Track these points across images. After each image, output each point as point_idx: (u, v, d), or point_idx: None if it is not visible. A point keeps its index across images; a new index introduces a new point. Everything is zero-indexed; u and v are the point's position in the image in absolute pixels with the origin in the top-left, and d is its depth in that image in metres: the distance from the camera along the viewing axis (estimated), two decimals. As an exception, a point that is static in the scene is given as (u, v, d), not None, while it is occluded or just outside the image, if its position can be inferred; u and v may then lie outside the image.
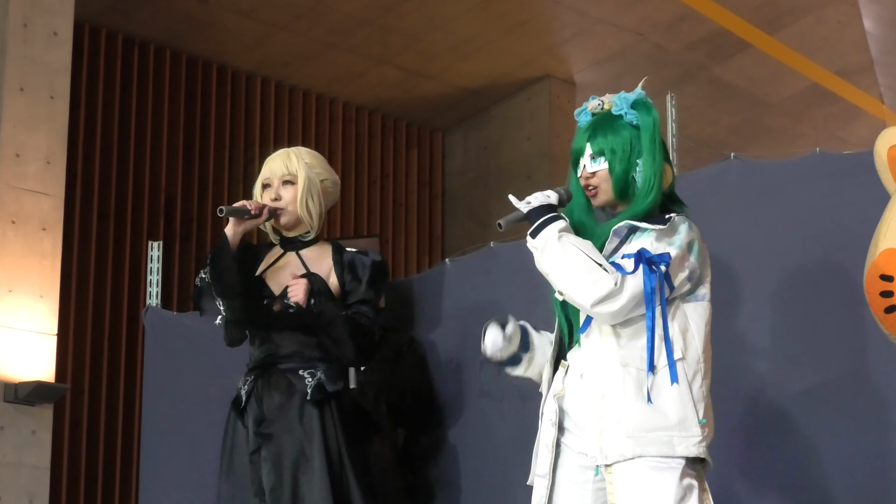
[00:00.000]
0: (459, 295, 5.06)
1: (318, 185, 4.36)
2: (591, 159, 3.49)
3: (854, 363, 4.00)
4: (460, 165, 11.17)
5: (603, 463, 3.33)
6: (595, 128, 3.50)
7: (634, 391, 3.32)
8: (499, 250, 4.99)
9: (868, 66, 10.63)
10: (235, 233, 4.25)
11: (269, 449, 4.18)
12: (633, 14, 9.77)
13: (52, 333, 7.88)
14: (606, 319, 3.36)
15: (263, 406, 4.24)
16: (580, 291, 3.33)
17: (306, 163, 4.36)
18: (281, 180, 4.34)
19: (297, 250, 4.36)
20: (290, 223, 4.35)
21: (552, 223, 3.40)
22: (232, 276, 4.22)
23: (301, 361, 4.24)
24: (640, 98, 3.51)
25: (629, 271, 3.33)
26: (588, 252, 3.35)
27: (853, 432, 3.97)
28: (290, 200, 4.33)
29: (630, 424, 3.30)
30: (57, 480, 8.38)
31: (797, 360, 4.13)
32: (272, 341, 4.29)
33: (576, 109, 3.60)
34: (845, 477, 3.98)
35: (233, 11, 9.41)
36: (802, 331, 4.13)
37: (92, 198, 9.21)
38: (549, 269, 3.39)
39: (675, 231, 3.40)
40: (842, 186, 4.09)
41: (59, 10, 8.19)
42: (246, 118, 10.10)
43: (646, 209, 3.43)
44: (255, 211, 4.26)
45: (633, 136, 3.47)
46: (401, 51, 10.04)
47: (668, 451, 3.29)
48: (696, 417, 3.33)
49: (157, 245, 5.96)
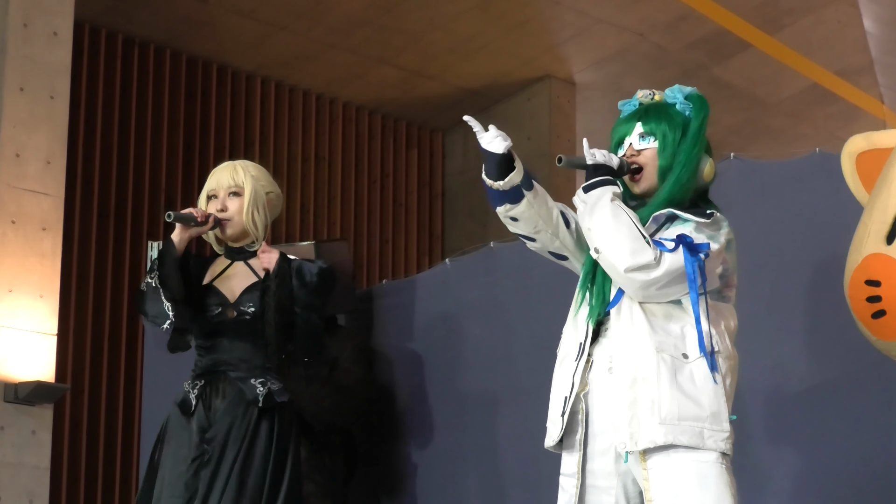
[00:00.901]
0: (459, 295, 5.06)
1: (263, 197, 4.41)
2: (640, 137, 3.48)
3: (854, 363, 4.00)
4: (460, 165, 11.16)
5: (633, 449, 3.28)
6: (647, 111, 3.51)
7: (669, 377, 3.28)
8: (499, 250, 4.99)
9: (868, 66, 10.63)
10: (181, 239, 4.31)
11: (210, 455, 4.19)
12: (633, 14, 9.76)
13: (52, 333, 7.88)
14: (636, 289, 3.33)
15: (210, 414, 4.25)
16: (619, 254, 3.30)
17: (252, 175, 4.42)
18: (227, 191, 4.39)
19: (246, 260, 4.39)
20: (235, 234, 4.40)
21: (609, 185, 3.39)
22: (177, 281, 4.27)
23: (251, 370, 4.26)
24: (693, 92, 3.52)
25: (669, 249, 3.32)
26: (636, 222, 3.34)
27: (853, 432, 3.98)
28: (235, 211, 4.38)
29: (664, 411, 3.26)
30: (57, 480, 8.38)
31: (797, 360, 4.13)
32: (221, 349, 4.31)
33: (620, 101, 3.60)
34: (845, 477, 3.98)
35: (233, 11, 9.41)
36: (802, 330, 4.13)
37: (92, 198, 9.21)
38: (593, 225, 3.36)
39: (717, 226, 3.41)
40: (842, 186, 4.09)
41: (59, 10, 8.19)
42: (246, 118, 10.09)
43: (678, 196, 3.42)
44: (202, 219, 4.32)
45: (684, 124, 3.46)
46: (401, 51, 10.04)
47: (699, 443, 3.26)
48: (727, 413, 3.30)
49: (157, 245, 5.96)
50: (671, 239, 3.34)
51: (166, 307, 4.27)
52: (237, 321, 4.29)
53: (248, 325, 4.28)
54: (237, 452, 4.17)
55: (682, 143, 3.44)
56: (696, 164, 3.44)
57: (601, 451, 3.39)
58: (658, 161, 3.46)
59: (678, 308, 3.36)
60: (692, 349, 3.32)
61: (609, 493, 3.38)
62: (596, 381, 3.40)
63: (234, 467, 4.16)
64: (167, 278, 4.26)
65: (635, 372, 3.30)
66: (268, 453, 4.19)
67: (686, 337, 3.33)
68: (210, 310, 4.33)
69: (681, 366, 3.30)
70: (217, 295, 4.35)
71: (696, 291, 3.30)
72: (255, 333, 4.28)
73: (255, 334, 4.28)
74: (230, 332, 4.30)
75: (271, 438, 4.21)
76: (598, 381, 3.40)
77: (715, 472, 3.26)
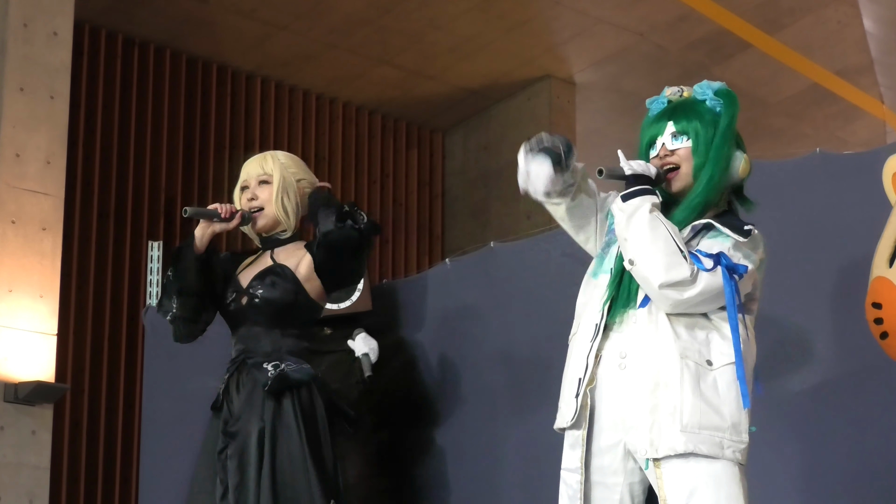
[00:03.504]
0: (459, 295, 5.06)
1: (293, 184, 4.37)
2: (673, 137, 3.42)
3: (853, 363, 4.00)
4: (460, 165, 11.17)
5: (653, 456, 3.24)
6: (677, 109, 3.45)
7: (692, 384, 3.23)
8: (499, 250, 5.00)
9: (868, 66, 10.63)
10: (203, 234, 4.26)
11: (234, 447, 4.17)
12: (633, 14, 9.76)
13: (52, 333, 7.88)
14: (667, 305, 3.28)
15: (232, 405, 4.24)
16: (654, 268, 3.25)
17: (281, 163, 4.39)
18: (257, 180, 4.37)
19: (274, 248, 4.37)
20: (267, 225, 4.36)
21: (648, 195, 3.33)
22: (191, 276, 4.24)
23: (266, 355, 4.23)
24: (723, 87, 3.47)
25: (707, 268, 3.27)
26: (674, 235, 3.29)
27: (853, 432, 3.98)
28: (266, 199, 4.35)
29: (685, 418, 3.22)
30: (57, 480, 8.38)
31: (796, 360, 4.13)
32: (242, 337, 4.29)
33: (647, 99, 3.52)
34: (846, 477, 3.98)
35: (233, 11, 9.41)
36: (802, 330, 4.13)
37: (92, 198, 9.21)
38: (630, 236, 3.30)
39: (755, 247, 3.36)
40: (842, 186, 4.10)
41: (59, 10, 8.19)
42: (246, 118, 10.09)
43: (713, 196, 3.38)
44: (226, 214, 4.27)
45: (714, 121, 3.41)
46: (401, 51, 10.04)
47: (717, 453, 3.23)
48: (746, 424, 3.27)
49: (157, 245, 5.97)
50: (709, 255, 3.30)
51: (172, 300, 4.25)
52: (249, 306, 4.26)
53: (260, 310, 4.25)
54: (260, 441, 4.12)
55: (713, 141, 3.39)
56: (728, 161, 3.38)
57: (608, 446, 3.35)
58: (693, 160, 3.40)
59: (702, 316, 3.32)
60: (717, 356, 3.28)
61: (615, 490, 3.34)
62: (605, 377, 3.36)
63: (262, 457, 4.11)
64: (182, 272, 4.23)
65: (658, 377, 3.26)
66: (298, 436, 4.12)
67: (711, 343, 3.30)
68: (227, 298, 4.31)
69: (704, 373, 3.26)
70: (234, 283, 4.33)
71: (735, 315, 3.26)
72: (269, 319, 4.24)
73: (270, 320, 4.24)
74: (246, 318, 4.27)
75: (297, 420, 4.14)
76: (607, 377, 3.35)
77: (730, 476, 3.24)
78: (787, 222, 4.18)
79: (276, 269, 4.28)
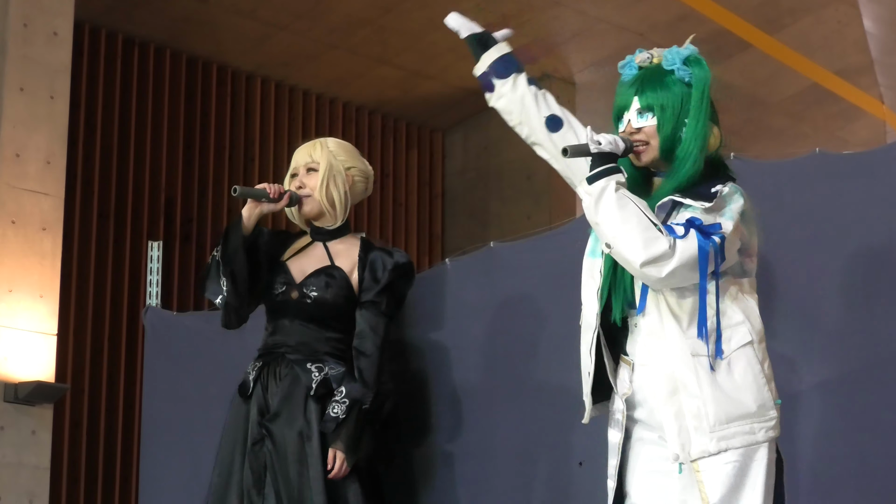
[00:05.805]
0: (459, 295, 5.06)
1: (342, 172, 4.35)
2: (638, 114, 3.32)
3: (853, 363, 4.00)
4: (460, 165, 11.17)
5: (687, 461, 3.19)
6: (643, 81, 3.34)
7: (709, 381, 3.18)
8: (499, 250, 4.99)
9: (868, 66, 10.63)
10: (250, 215, 4.24)
11: (271, 441, 4.16)
12: (633, 14, 9.77)
13: (52, 333, 7.89)
14: (654, 282, 3.19)
15: (268, 396, 4.22)
16: (632, 248, 3.14)
17: (330, 150, 4.38)
18: (305, 168, 4.36)
19: (325, 241, 4.34)
20: (313, 211, 4.34)
21: (612, 174, 3.20)
22: (241, 259, 4.20)
23: (309, 354, 4.21)
24: (692, 54, 3.37)
25: (680, 235, 3.16)
26: (645, 210, 3.18)
27: (853, 432, 3.97)
28: (313, 187, 4.32)
29: (711, 419, 3.17)
30: (57, 480, 8.38)
31: (796, 360, 4.13)
32: (283, 330, 4.26)
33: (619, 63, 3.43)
34: (847, 478, 3.98)
35: (233, 11, 9.41)
36: (801, 330, 4.12)
37: (92, 198, 9.21)
38: (601, 220, 3.19)
39: (726, 202, 3.24)
40: (842, 186, 4.09)
41: (59, 10, 8.20)
42: (246, 118, 10.10)
43: (688, 175, 3.26)
44: (275, 195, 4.25)
45: (683, 93, 3.31)
46: (401, 51, 10.04)
47: (751, 441, 3.19)
48: (771, 400, 3.24)
49: (157, 245, 5.96)
50: (681, 224, 3.19)
51: (222, 283, 4.22)
52: (298, 303, 4.24)
53: (309, 309, 4.23)
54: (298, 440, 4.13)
55: (681, 114, 3.29)
56: (704, 138, 3.28)
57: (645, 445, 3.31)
58: (658, 136, 3.29)
59: None
60: (724, 344, 3.22)
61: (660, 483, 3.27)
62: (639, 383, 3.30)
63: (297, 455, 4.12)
64: (231, 253, 4.20)
65: (675, 381, 3.21)
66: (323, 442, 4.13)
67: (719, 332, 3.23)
68: (275, 287, 4.28)
69: (718, 364, 3.20)
70: (285, 273, 4.30)
71: (706, 279, 3.17)
72: (315, 319, 4.23)
73: (315, 319, 4.23)
74: (292, 313, 4.25)
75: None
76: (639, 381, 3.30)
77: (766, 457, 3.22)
78: (787, 222, 4.18)
79: (332, 272, 4.26)
